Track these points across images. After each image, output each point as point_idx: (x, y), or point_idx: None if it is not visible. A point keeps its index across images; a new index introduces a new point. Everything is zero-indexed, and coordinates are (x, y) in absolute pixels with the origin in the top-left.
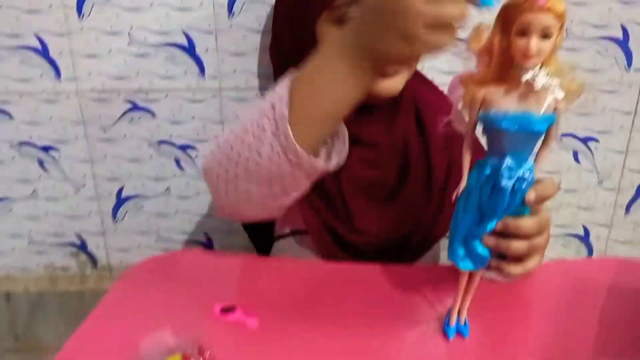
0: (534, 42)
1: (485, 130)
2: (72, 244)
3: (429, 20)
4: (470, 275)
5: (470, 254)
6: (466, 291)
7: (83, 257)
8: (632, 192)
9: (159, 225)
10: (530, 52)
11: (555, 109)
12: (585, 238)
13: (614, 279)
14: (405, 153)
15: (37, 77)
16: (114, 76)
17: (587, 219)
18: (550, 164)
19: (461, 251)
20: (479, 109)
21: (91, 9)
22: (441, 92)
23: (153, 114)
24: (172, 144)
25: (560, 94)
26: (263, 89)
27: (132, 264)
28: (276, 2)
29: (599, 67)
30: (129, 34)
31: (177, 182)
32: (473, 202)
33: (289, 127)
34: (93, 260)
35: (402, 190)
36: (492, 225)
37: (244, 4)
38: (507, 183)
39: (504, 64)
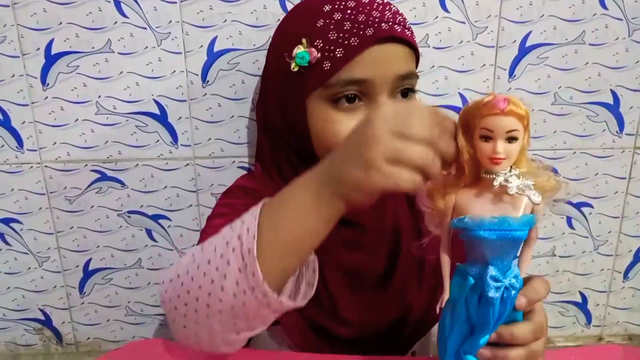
0: (500, 146)
1: (462, 237)
2: (36, 320)
3: (389, 153)
4: None
5: None
6: None
7: (48, 332)
8: (630, 257)
9: (129, 298)
10: (497, 157)
11: (533, 210)
12: (583, 305)
13: None
14: (395, 235)
15: None
16: (80, 146)
17: (585, 285)
18: (544, 230)
19: None
20: (452, 215)
21: (56, 78)
22: None
23: (122, 184)
24: (143, 214)
25: (537, 198)
26: (240, 156)
27: (100, 339)
28: (265, 74)
29: (590, 132)
30: (96, 102)
31: (148, 253)
32: (460, 315)
33: (257, 265)
34: (58, 336)
35: (392, 275)
36: (485, 339)
37: (218, 71)
38: (494, 294)
39: (473, 168)
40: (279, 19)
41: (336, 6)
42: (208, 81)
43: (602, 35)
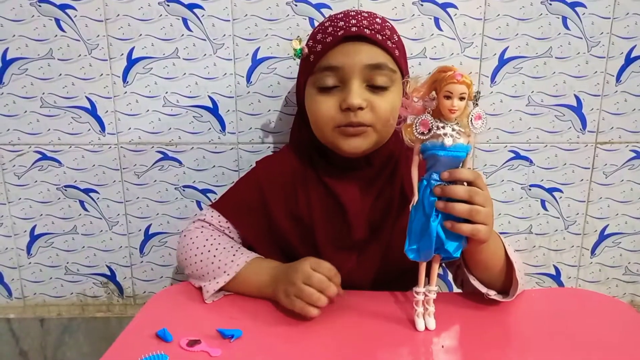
0: (457, 103)
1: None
2: (103, 275)
3: (295, 292)
4: (428, 264)
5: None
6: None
7: (112, 286)
8: (596, 236)
9: None
10: (454, 109)
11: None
12: (557, 277)
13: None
14: (378, 216)
15: (85, 131)
16: (149, 131)
17: (557, 260)
18: (521, 210)
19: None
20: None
21: (134, 77)
22: None
23: (180, 163)
24: (195, 188)
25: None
26: (274, 142)
27: (153, 293)
28: None
29: (559, 129)
30: (164, 97)
31: None
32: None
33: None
34: (120, 289)
35: (369, 243)
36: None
37: (260, 74)
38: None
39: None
40: (308, 34)
41: (331, 20)
42: (251, 82)
43: (566, 50)
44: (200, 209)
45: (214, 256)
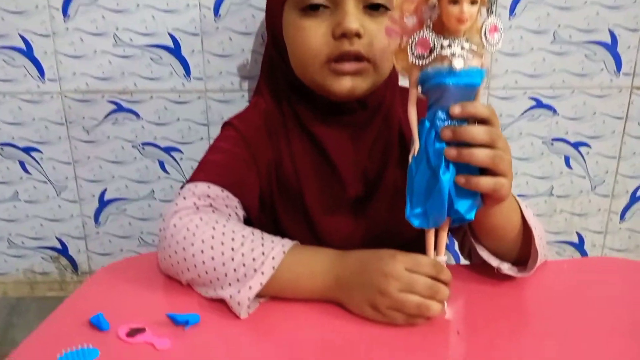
0: (467, 9)
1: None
2: (53, 248)
3: (393, 306)
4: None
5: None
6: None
7: (64, 261)
8: (627, 198)
9: (142, 229)
10: (464, 18)
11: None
12: (580, 246)
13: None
14: (375, 168)
15: (20, 77)
16: (98, 77)
17: (581, 225)
18: (541, 169)
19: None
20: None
21: (77, 10)
22: None
23: (137, 115)
24: (157, 146)
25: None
26: (249, 90)
27: None
28: None
29: (588, 71)
30: (114, 35)
31: (161, 184)
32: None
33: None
34: (74, 264)
35: (368, 202)
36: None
37: (230, 6)
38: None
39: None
40: None
41: None
42: (220, 15)
43: None
44: (164, 170)
45: (232, 249)
